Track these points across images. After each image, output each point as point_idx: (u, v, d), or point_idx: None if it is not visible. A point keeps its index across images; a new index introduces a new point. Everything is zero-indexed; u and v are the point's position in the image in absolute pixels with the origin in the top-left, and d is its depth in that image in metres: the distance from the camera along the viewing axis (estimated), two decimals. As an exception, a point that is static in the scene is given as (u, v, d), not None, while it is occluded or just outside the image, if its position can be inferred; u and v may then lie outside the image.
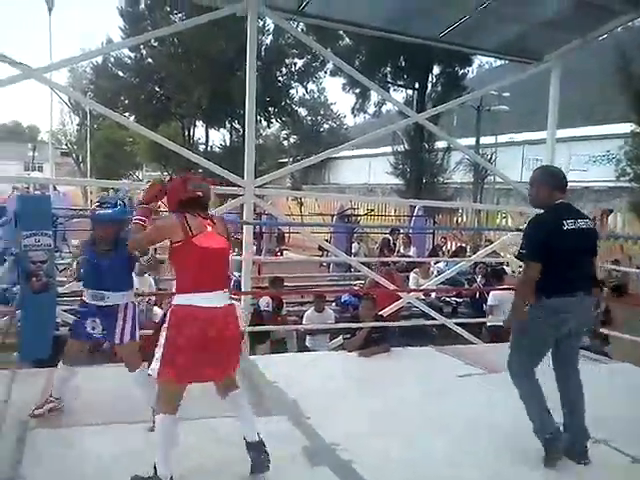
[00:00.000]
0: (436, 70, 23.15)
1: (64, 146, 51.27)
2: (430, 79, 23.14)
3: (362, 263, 7.33)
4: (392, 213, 21.08)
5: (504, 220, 17.34)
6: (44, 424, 3.48)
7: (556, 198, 3.27)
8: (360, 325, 5.72)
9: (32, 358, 4.43)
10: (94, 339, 3.66)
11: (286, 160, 32.82)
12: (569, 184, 3.44)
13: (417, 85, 22.91)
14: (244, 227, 6.57)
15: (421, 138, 21.65)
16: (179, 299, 2.80)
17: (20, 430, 3.34)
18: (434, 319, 6.77)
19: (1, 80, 5.53)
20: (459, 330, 6.58)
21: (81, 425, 3.49)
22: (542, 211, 3.35)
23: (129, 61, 31.13)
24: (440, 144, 21.77)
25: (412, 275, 8.98)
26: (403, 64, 22.90)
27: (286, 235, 18.11)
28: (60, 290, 4.99)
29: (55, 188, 22.25)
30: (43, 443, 3.22)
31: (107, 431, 3.42)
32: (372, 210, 18.75)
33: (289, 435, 3.58)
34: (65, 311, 5.44)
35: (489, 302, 7.76)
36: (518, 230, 8.18)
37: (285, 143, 37.99)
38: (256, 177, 6.20)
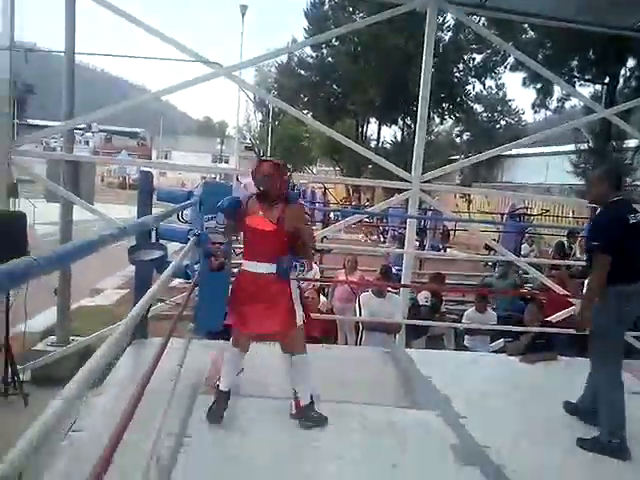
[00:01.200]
0: (630, 62, 21.03)
1: (248, 141, 55.10)
2: (623, 72, 21.11)
3: (531, 265, 6.93)
4: (570, 215, 19.63)
5: None
6: (212, 391, 3.81)
7: (614, 195, 3.54)
8: (524, 329, 5.47)
9: (206, 330, 4.85)
10: None
11: (457, 157, 32.03)
12: None
13: (607, 79, 21.04)
14: (408, 221, 6.58)
15: (608, 136, 19.86)
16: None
17: (191, 392, 3.69)
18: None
19: (196, 78, 6.15)
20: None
21: (244, 396, 3.78)
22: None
23: (311, 60, 32.60)
24: (630, 143, 19.79)
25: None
26: (592, 57, 21.15)
27: (451, 233, 17.76)
28: (235, 271, 5.40)
29: (238, 179, 23.98)
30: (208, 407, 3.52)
31: (265, 403, 3.67)
32: (547, 211, 17.63)
33: (439, 431, 3.54)
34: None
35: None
36: None
37: (457, 140, 37.07)
38: (424, 173, 6.18)
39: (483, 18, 14.13)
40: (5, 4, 5.71)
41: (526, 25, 18.68)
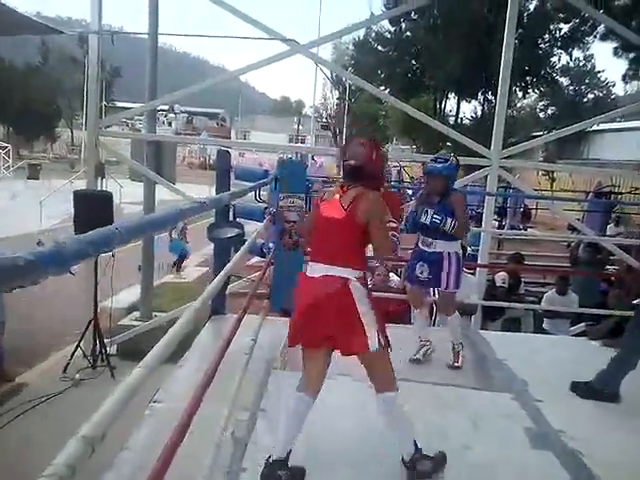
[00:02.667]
0: None
1: (324, 119, 55.18)
2: None
3: (618, 246, 6.59)
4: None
5: None
6: (286, 366, 3.92)
7: None
8: (607, 312, 5.26)
9: (280, 307, 4.97)
10: (421, 283, 4.05)
11: (541, 133, 30.66)
12: None
13: None
14: (486, 199, 6.42)
15: None
16: None
17: (264, 368, 3.79)
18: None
19: (273, 56, 6.22)
20: None
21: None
22: None
23: (389, 35, 32.01)
24: None
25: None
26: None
27: (532, 212, 17.14)
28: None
29: (313, 158, 24.12)
30: (282, 382, 3.55)
31: (336, 381, 3.73)
32: (637, 189, 16.60)
33: (513, 414, 3.49)
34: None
35: None
36: None
37: (541, 115, 35.47)
38: (504, 149, 6.00)
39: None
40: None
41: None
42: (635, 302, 5.54)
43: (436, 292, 4.23)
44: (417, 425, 3.20)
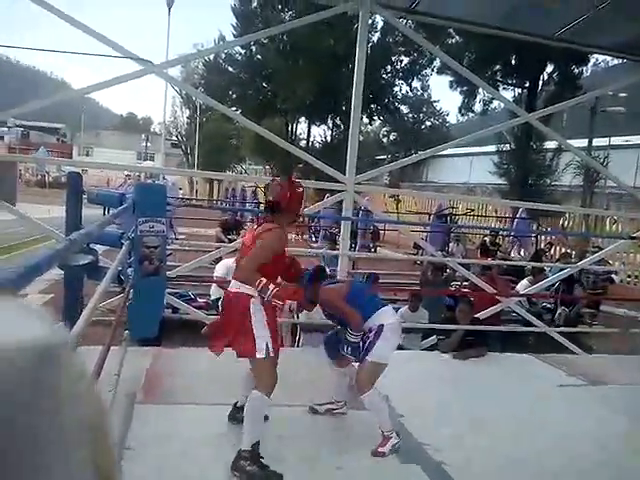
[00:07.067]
0: (549, 68, 22.13)
1: (174, 138, 53.94)
2: (542, 78, 22.17)
3: (459, 264, 7.17)
4: (493, 214, 20.42)
5: (614, 226, 16.26)
6: (150, 399, 3.73)
7: None
8: (455, 327, 5.64)
9: (140, 336, 4.70)
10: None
11: (384, 157, 32.58)
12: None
13: (527, 84, 22.04)
14: (342, 223, 6.63)
15: (528, 138, 20.75)
16: None
17: (129, 403, 3.57)
18: (533, 326, 6.54)
19: (126, 75, 5.94)
20: (561, 339, 6.29)
21: (181, 403, 3.72)
22: None
23: (239, 57, 32.20)
24: (549, 145, 20.80)
25: (525, 281, 8.72)
26: (514, 62, 22.11)
27: (380, 232, 18.08)
28: (168, 274, 5.27)
29: (164, 177, 23.40)
30: (148, 416, 3.45)
31: (202, 410, 3.62)
32: (472, 210, 18.26)
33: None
34: (171, 294, 5.78)
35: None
36: (631, 238, 7.71)
37: (384, 140, 37.76)
38: (357, 174, 6.24)
39: (410, 21, 14.42)
40: None
41: (451, 30, 19.28)
42: (477, 315, 6.03)
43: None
44: (287, 449, 3.18)
